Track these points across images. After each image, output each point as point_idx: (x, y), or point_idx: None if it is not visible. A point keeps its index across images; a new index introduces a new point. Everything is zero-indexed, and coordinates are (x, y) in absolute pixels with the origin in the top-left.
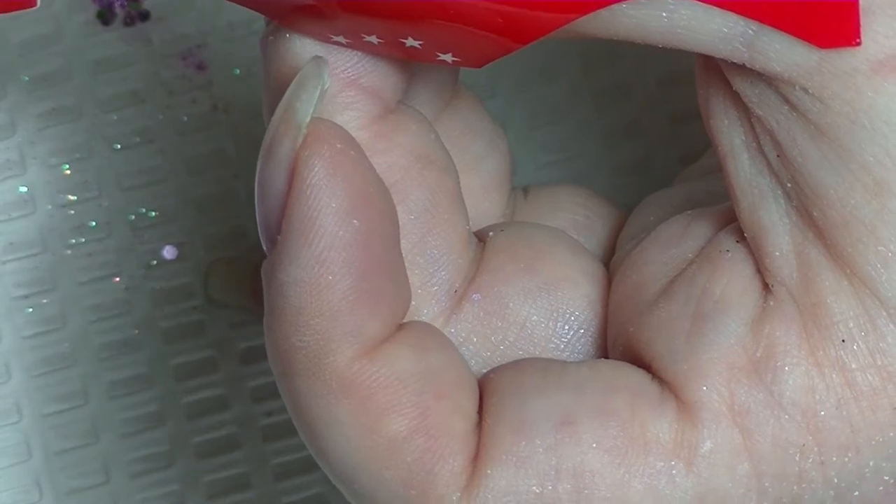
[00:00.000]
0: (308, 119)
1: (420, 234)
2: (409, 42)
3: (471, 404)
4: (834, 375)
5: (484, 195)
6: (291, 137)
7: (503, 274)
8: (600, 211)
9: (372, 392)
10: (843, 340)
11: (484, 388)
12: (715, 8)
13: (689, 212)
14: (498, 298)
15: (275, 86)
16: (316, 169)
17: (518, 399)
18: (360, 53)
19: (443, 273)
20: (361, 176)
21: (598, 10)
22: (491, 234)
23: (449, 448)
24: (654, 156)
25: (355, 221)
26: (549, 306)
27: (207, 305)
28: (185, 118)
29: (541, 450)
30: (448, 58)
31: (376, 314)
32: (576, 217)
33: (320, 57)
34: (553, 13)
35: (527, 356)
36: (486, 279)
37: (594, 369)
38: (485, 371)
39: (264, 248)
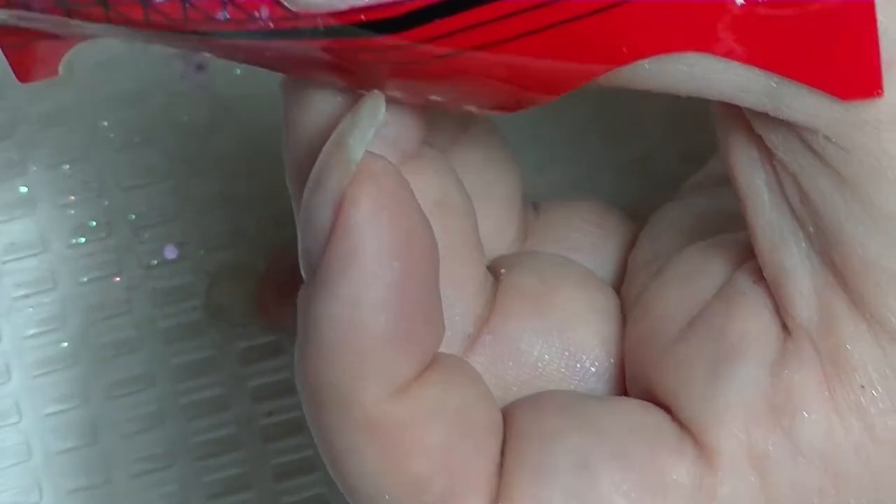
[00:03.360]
0: (359, 157)
1: None
2: (433, 97)
3: (494, 444)
4: (853, 420)
5: (498, 219)
6: (340, 172)
7: (514, 315)
8: (612, 228)
9: (399, 432)
10: (863, 386)
11: (505, 423)
12: (735, 61)
13: (704, 243)
14: (509, 340)
15: (296, 134)
16: (362, 207)
17: (537, 441)
18: None
19: (456, 318)
20: (407, 217)
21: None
22: (503, 270)
23: (471, 489)
24: (654, 155)
25: (396, 263)
26: (562, 346)
27: (211, 318)
28: (186, 118)
29: (559, 494)
30: (473, 108)
31: (409, 356)
32: (588, 238)
33: (378, 93)
34: (573, 78)
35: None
36: (497, 320)
37: (614, 410)
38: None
39: (303, 275)
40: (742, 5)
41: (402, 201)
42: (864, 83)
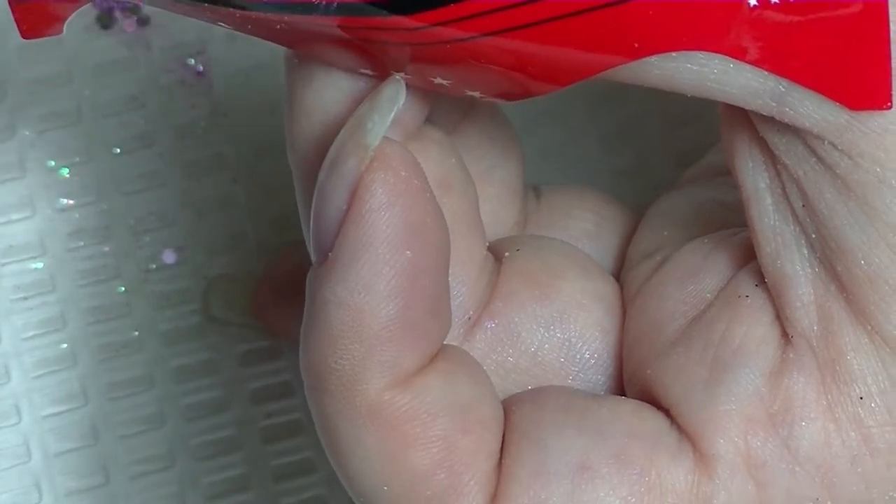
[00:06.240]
0: (377, 142)
1: None
2: (438, 80)
3: (495, 441)
4: (851, 432)
5: (499, 202)
6: (357, 157)
7: (516, 301)
8: (611, 216)
9: (400, 423)
10: (862, 398)
11: (504, 419)
12: (746, 64)
13: (706, 240)
14: (510, 327)
15: (300, 111)
16: (377, 194)
17: (537, 440)
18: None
19: (457, 300)
20: (421, 206)
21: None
22: (507, 254)
23: (469, 486)
24: (649, 159)
25: (408, 252)
26: (562, 336)
27: (209, 323)
28: (185, 123)
29: (557, 495)
30: (476, 94)
31: (415, 347)
32: (587, 226)
33: (399, 78)
34: (584, 70)
35: (540, 383)
36: (499, 305)
37: (614, 412)
38: (501, 397)
39: (313, 258)
40: (754, 7)
41: (417, 190)
42: (873, 94)
